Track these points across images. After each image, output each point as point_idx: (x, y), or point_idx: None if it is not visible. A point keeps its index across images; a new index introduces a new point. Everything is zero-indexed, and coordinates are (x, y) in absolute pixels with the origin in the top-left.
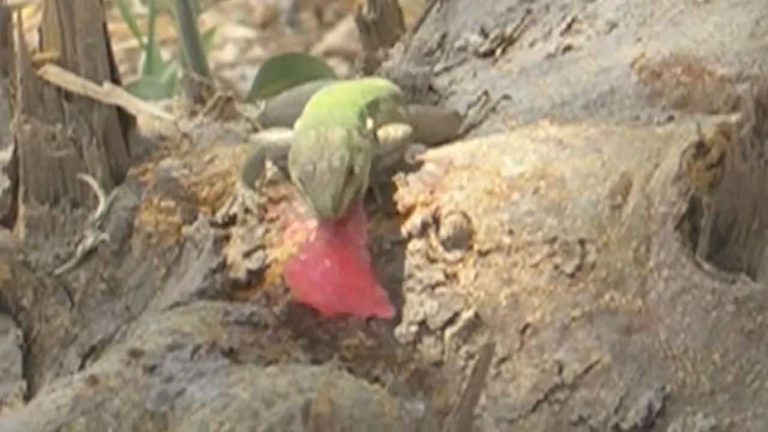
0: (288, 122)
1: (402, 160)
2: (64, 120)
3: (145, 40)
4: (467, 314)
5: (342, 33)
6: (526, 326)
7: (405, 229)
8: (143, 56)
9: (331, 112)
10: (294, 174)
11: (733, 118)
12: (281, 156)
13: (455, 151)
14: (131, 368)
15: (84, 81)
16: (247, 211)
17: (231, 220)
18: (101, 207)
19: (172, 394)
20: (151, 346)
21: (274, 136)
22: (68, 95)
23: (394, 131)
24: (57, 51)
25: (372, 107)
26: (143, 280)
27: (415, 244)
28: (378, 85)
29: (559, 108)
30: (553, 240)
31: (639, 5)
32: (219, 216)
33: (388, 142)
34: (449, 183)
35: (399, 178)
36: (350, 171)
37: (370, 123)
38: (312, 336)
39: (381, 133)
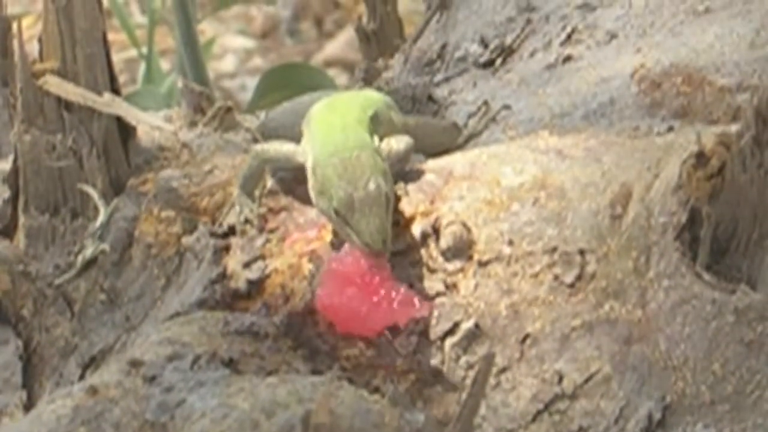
0: (287, 133)
1: (401, 170)
2: (64, 130)
3: (144, 50)
4: (467, 324)
5: (342, 43)
6: (526, 336)
7: (405, 239)
8: (143, 66)
9: (346, 135)
10: (324, 205)
11: (733, 128)
12: (281, 168)
13: (455, 161)
14: (131, 378)
15: (84, 91)
16: (246, 221)
17: (231, 231)
18: (101, 217)
19: (172, 405)
20: (151, 356)
21: (276, 148)
22: (68, 105)
23: (396, 143)
24: (57, 61)
25: (374, 121)
26: (143, 291)
27: (415, 255)
28: (373, 97)
29: (559, 118)
30: (553, 250)
31: (639, 15)
32: (217, 224)
33: (392, 155)
34: (449, 193)
35: (399, 188)
36: (387, 198)
37: (376, 140)
38: (312, 346)
39: (384, 145)
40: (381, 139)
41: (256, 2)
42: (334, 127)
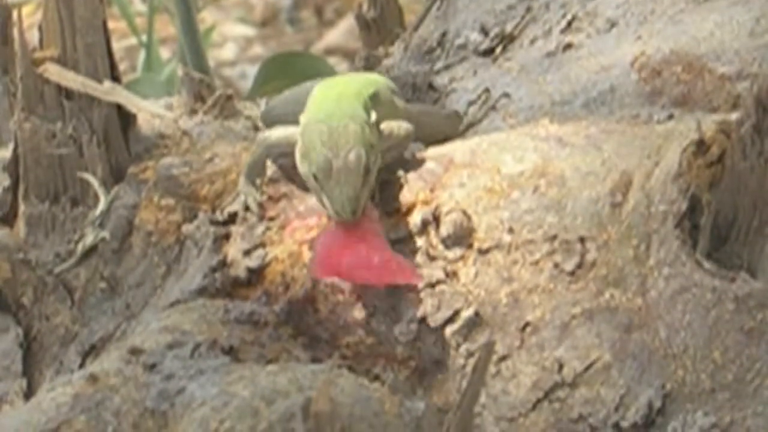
0: (289, 121)
1: (401, 158)
2: (65, 118)
3: (144, 38)
4: (467, 312)
5: (342, 31)
6: (526, 324)
7: (405, 226)
8: (143, 54)
9: (339, 106)
10: (305, 169)
11: (733, 116)
12: (283, 154)
13: (455, 149)
14: (131, 366)
15: (84, 79)
16: (247, 209)
17: (231, 219)
18: (101, 205)
19: (173, 392)
20: (152, 344)
21: (279, 133)
22: (68, 93)
23: (397, 127)
24: (57, 49)
25: (374, 99)
26: (143, 279)
27: (415, 242)
28: (374, 78)
29: (559, 106)
30: (553, 238)
31: (639, 3)
32: (218, 212)
33: (391, 137)
34: (449, 181)
35: (399, 176)
36: (366, 170)
37: (373, 115)
38: (312, 334)
39: (384, 127)
40: (381, 118)
41: None
42: (329, 99)
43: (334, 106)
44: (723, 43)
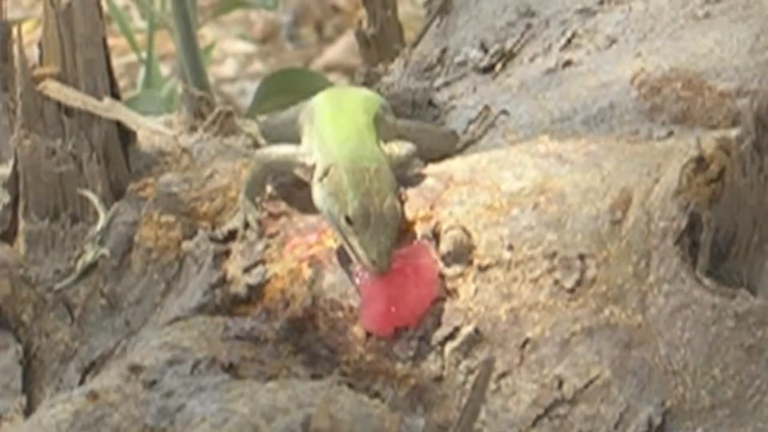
0: (290, 140)
1: (402, 175)
2: (64, 135)
3: (144, 55)
4: (467, 329)
5: (342, 48)
6: (526, 341)
7: (405, 244)
8: (143, 71)
9: (362, 142)
10: (334, 209)
11: (733, 133)
12: (283, 172)
13: (455, 166)
14: (131, 383)
15: (84, 96)
16: (247, 226)
17: (231, 236)
18: (101, 222)
19: (172, 410)
20: (151, 361)
21: (280, 152)
22: (68, 110)
23: (398, 149)
24: (57, 66)
25: (376, 122)
26: (143, 295)
27: None
28: (370, 97)
29: (558, 123)
30: (553, 255)
31: (639, 20)
32: (218, 229)
33: (393, 160)
34: (449, 198)
35: (399, 193)
36: (399, 219)
37: (382, 145)
38: (312, 351)
39: (386, 150)
40: (382, 140)
41: (257, 7)
42: (347, 130)
43: (358, 143)
44: (723, 60)
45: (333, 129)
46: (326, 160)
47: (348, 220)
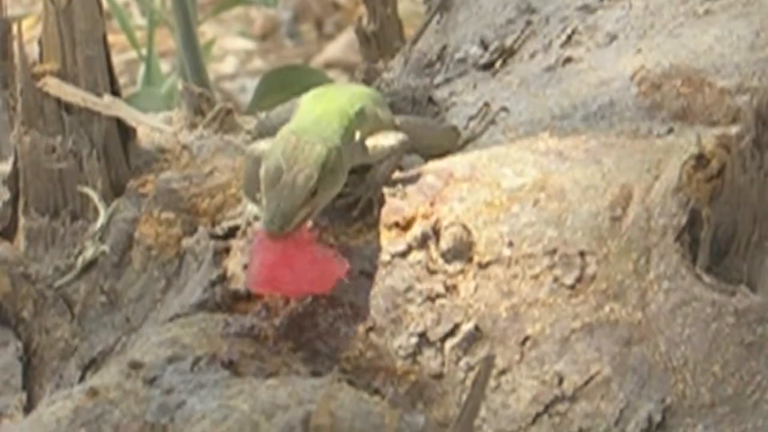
0: None
1: (396, 170)
2: (64, 132)
3: (144, 51)
4: (467, 326)
5: (342, 45)
6: (526, 338)
7: (405, 240)
8: (143, 68)
9: (318, 123)
10: (261, 173)
11: (733, 129)
12: None
13: (455, 162)
14: (131, 380)
15: (84, 93)
16: (249, 223)
17: (231, 232)
18: (101, 219)
19: (172, 406)
20: (151, 358)
21: (265, 146)
22: (68, 107)
23: (384, 139)
24: (57, 63)
25: (359, 116)
26: (143, 292)
27: (415, 256)
28: (361, 92)
29: (559, 120)
30: (553, 252)
31: (639, 17)
32: (220, 227)
33: (377, 151)
34: (449, 195)
35: (398, 190)
36: (312, 193)
37: (357, 135)
38: (312, 348)
39: (370, 141)
40: (367, 134)
41: (257, 4)
42: (312, 113)
43: (313, 121)
44: (723, 56)
45: (301, 114)
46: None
47: (263, 181)
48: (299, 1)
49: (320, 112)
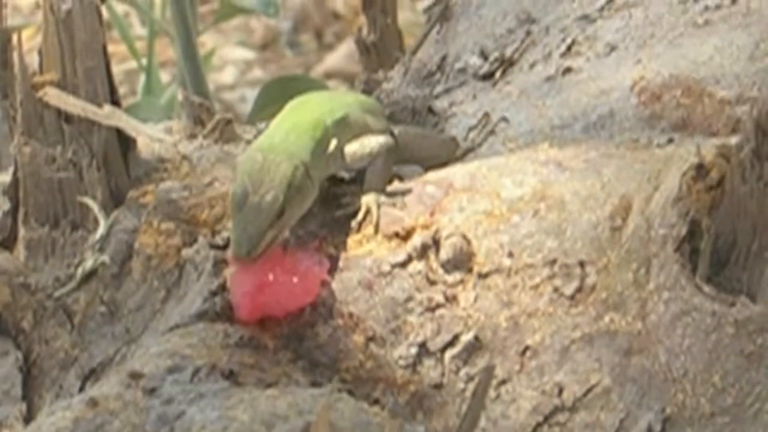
0: None
1: (395, 179)
2: (64, 142)
3: (144, 62)
4: (467, 336)
5: (342, 55)
6: (526, 348)
7: (405, 251)
8: (143, 78)
9: (287, 138)
10: (229, 194)
11: (733, 140)
12: None
13: (455, 173)
14: (131, 391)
15: (84, 103)
16: None
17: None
18: (101, 229)
19: (172, 417)
20: (151, 368)
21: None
22: (68, 117)
23: (363, 145)
24: (57, 73)
25: (340, 124)
26: (143, 303)
27: (415, 266)
28: (348, 99)
29: (558, 130)
30: (553, 262)
31: (639, 27)
32: (220, 237)
33: (356, 158)
34: (449, 205)
35: (398, 200)
36: (279, 214)
37: (333, 143)
38: (312, 358)
39: (350, 148)
40: (347, 141)
41: (256, 14)
42: (284, 125)
43: (282, 137)
44: (723, 67)
45: (274, 124)
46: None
47: (231, 202)
48: (299, 11)
49: (290, 126)
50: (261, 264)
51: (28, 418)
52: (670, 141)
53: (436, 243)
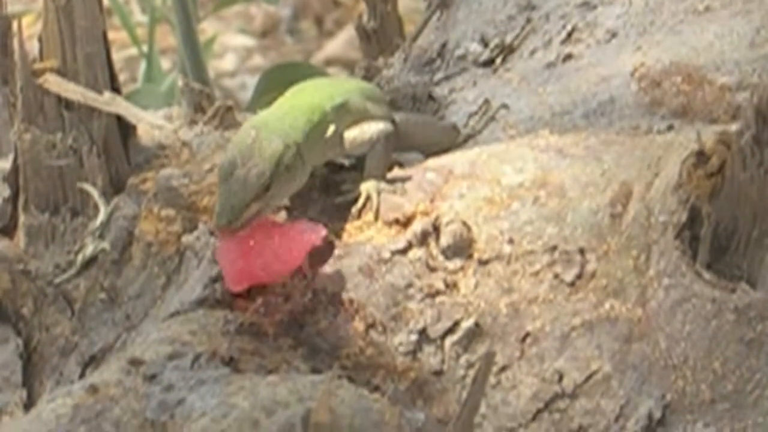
0: None
1: (395, 165)
2: (64, 129)
3: (145, 48)
4: (467, 323)
5: (342, 42)
6: (526, 335)
7: (405, 237)
8: (143, 65)
9: (283, 118)
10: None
11: (733, 126)
12: None
13: (455, 159)
14: (131, 377)
15: (84, 90)
16: None
17: None
18: (101, 216)
19: (173, 403)
20: (152, 355)
21: None
22: (68, 104)
23: (363, 131)
24: (57, 60)
25: (339, 110)
26: (143, 289)
27: (415, 253)
28: (349, 85)
29: (559, 117)
30: (553, 249)
31: (639, 14)
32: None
33: (355, 144)
34: (449, 192)
35: (398, 187)
36: (266, 188)
37: (332, 129)
38: (312, 345)
39: (349, 134)
40: (347, 127)
41: (257, 1)
42: (281, 107)
43: (278, 117)
44: (723, 53)
45: (272, 108)
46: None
47: (218, 174)
48: None
49: (289, 107)
50: (245, 233)
51: (28, 405)
52: (671, 128)
53: (436, 230)
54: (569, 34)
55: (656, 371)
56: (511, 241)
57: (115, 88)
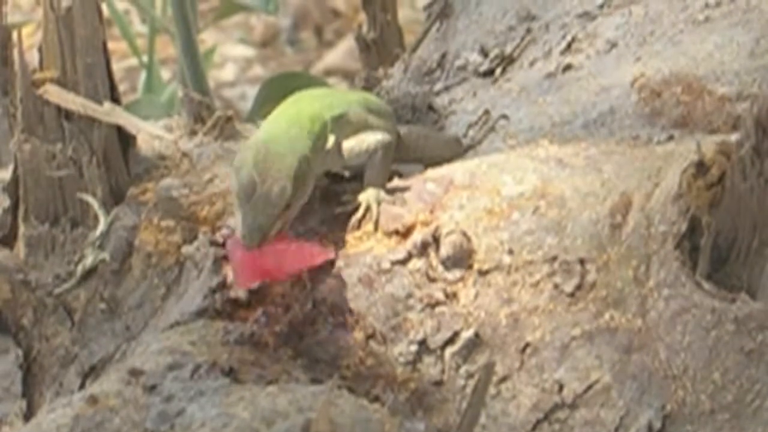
0: None
1: (394, 176)
2: (64, 139)
3: (145, 59)
4: (467, 333)
5: (342, 52)
6: (526, 345)
7: (405, 248)
8: (143, 75)
9: (288, 131)
10: (233, 183)
11: (733, 137)
12: None
13: (455, 170)
14: (131, 388)
15: (84, 100)
16: None
17: None
18: (101, 226)
19: (172, 414)
20: (151, 365)
21: None
22: (68, 114)
23: (361, 142)
24: (57, 70)
25: (339, 120)
26: (143, 300)
27: (414, 264)
28: (349, 97)
29: (559, 127)
30: (553, 259)
31: (639, 24)
32: (220, 234)
33: (353, 155)
34: (449, 202)
35: (398, 197)
36: (286, 205)
37: (332, 139)
38: (312, 355)
39: (347, 144)
40: (343, 139)
41: (257, 11)
42: (283, 118)
43: (284, 129)
44: (723, 64)
45: (274, 116)
46: (248, 141)
47: (237, 196)
48: (299, 8)
49: (290, 119)
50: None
51: (28, 415)
52: (671, 138)
53: (436, 240)
54: (569, 45)
55: (656, 381)
56: (511, 252)
57: (115, 99)
